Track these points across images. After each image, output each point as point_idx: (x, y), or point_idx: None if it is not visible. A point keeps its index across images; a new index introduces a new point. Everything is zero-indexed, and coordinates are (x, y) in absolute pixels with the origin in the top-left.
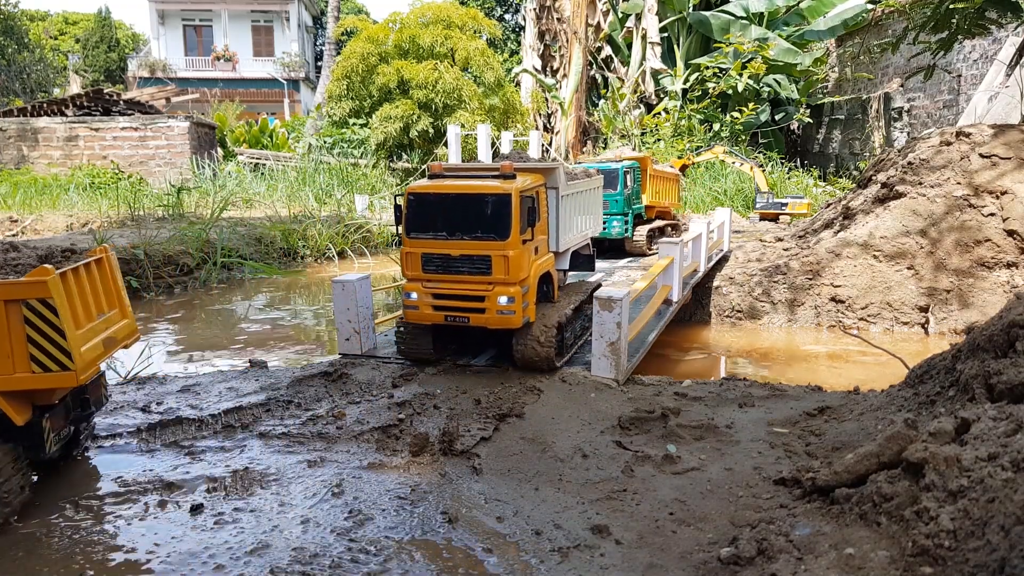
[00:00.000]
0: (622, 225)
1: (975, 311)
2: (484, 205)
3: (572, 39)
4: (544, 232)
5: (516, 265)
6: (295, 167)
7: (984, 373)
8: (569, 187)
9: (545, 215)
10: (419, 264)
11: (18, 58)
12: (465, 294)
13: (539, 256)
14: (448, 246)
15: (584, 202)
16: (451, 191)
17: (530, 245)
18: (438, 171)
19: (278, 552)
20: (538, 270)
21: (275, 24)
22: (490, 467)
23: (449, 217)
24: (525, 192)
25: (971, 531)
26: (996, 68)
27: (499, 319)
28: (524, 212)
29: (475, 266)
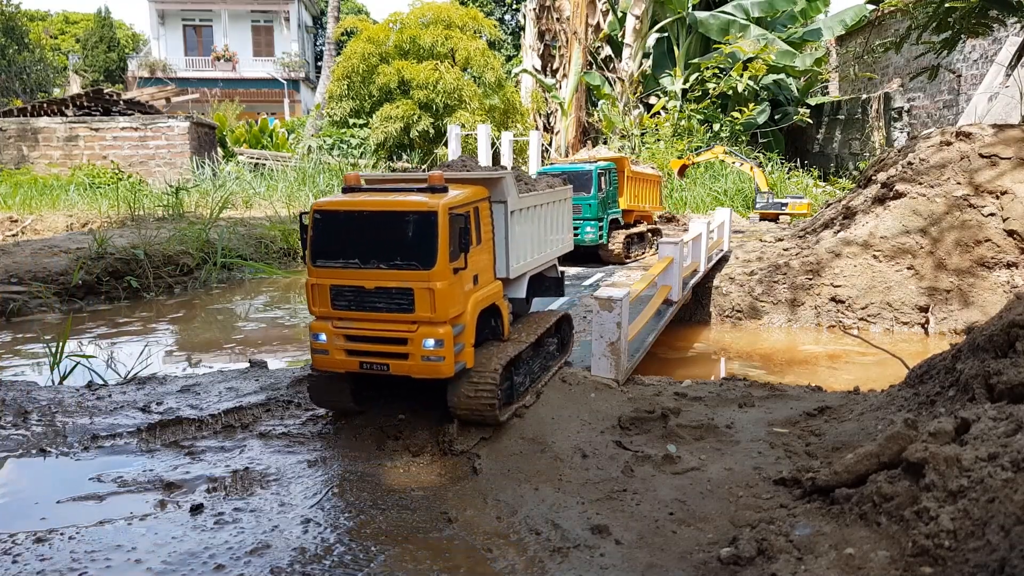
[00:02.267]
0: (596, 231)
1: (975, 311)
2: (403, 226)
3: (572, 39)
4: (488, 256)
5: (445, 300)
6: (295, 167)
7: (984, 373)
8: (523, 200)
9: (489, 235)
10: (327, 298)
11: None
12: (383, 335)
13: (480, 286)
14: (362, 276)
15: (548, 216)
16: (364, 208)
17: (465, 274)
18: (354, 183)
19: (278, 552)
20: (479, 303)
21: (275, 24)
22: (490, 467)
23: (362, 241)
24: (457, 209)
25: (971, 531)
26: (996, 68)
27: (425, 367)
28: (455, 234)
29: (394, 301)
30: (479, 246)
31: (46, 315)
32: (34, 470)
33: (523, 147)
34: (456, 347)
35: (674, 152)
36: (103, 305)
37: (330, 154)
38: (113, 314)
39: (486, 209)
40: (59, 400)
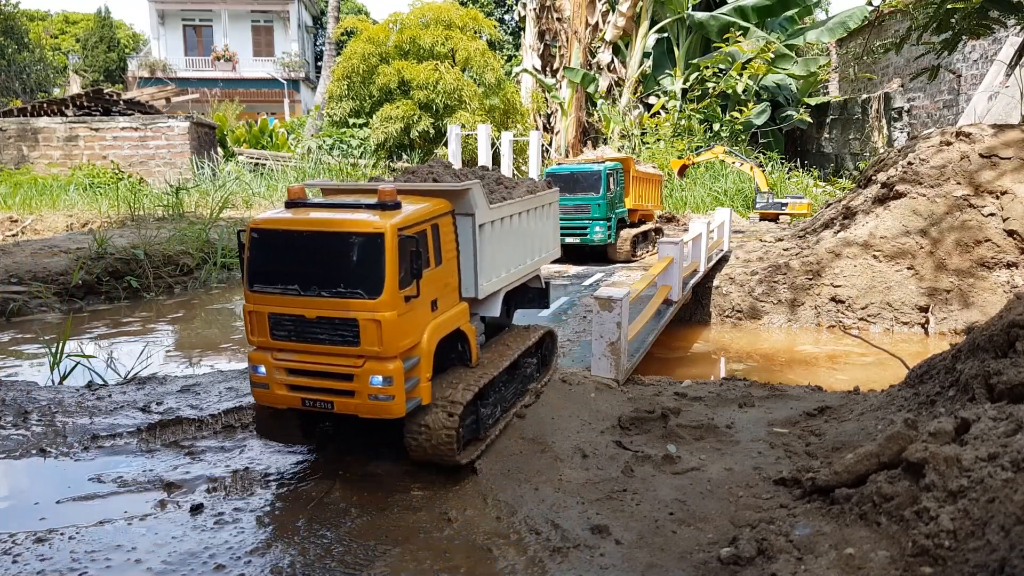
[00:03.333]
0: (605, 230)
1: (975, 311)
2: (346, 249)
3: (572, 39)
4: (450, 276)
5: (393, 332)
6: (295, 167)
7: (984, 373)
8: (496, 211)
9: (453, 253)
10: (266, 328)
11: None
12: (327, 371)
13: (441, 312)
14: (301, 304)
15: (529, 224)
16: (303, 228)
17: (420, 301)
18: (298, 196)
19: (279, 552)
20: (438, 331)
21: (275, 24)
22: (490, 467)
23: (302, 264)
24: (409, 229)
25: (971, 531)
26: (996, 68)
27: (373, 406)
28: (406, 258)
29: (338, 333)
30: (439, 267)
31: (46, 315)
32: (34, 470)
33: (523, 147)
34: (409, 383)
35: (674, 152)
36: (103, 305)
37: (330, 154)
38: (113, 314)
39: (448, 225)
40: (59, 400)
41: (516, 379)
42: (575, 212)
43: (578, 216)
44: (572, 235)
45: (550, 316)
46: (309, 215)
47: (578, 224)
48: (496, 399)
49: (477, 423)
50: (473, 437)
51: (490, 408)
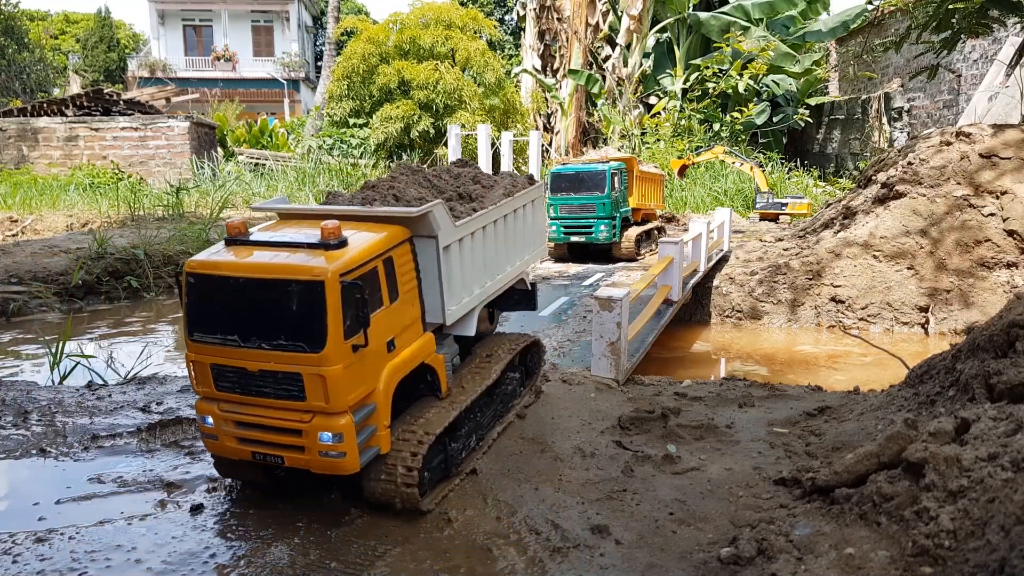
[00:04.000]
0: (610, 229)
1: (975, 311)
2: (285, 297)
3: (572, 39)
4: (411, 308)
5: (340, 387)
6: (295, 167)
7: (984, 373)
8: (464, 227)
9: (413, 284)
10: (210, 378)
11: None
12: (274, 425)
13: (400, 350)
14: (243, 356)
15: (508, 229)
16: (238, 273)
17: (372, 347)
18: (238, 233)
19: (279, 552)
20: (397, 373)
21: (275, 24)
22: (490, 467)
23: (240, 313)
24: (354, 272)
25: (971, 531)
26: (996, 68)
27: (323, 463)
28: (351, 306)
29: (282, 387)
30: (395, 303)
31: (46, 315)
32: (34, 470)
33: (523, 147)
34: (363, 434)
35: (674, 152)
36: (103, 305)
37: (330, 154)
38: (113, 314)
39: (405, 254)
40: (59, 400)
41: (496, 400)
42: (580, 211)
43: (583, 215)
44: (577, 234)
45: (550, 316)
46: (246, 258)
47: (583, 223)
48: (470, 428)
49: (446, 461)
50: (443, 476)
51: (462, 441)
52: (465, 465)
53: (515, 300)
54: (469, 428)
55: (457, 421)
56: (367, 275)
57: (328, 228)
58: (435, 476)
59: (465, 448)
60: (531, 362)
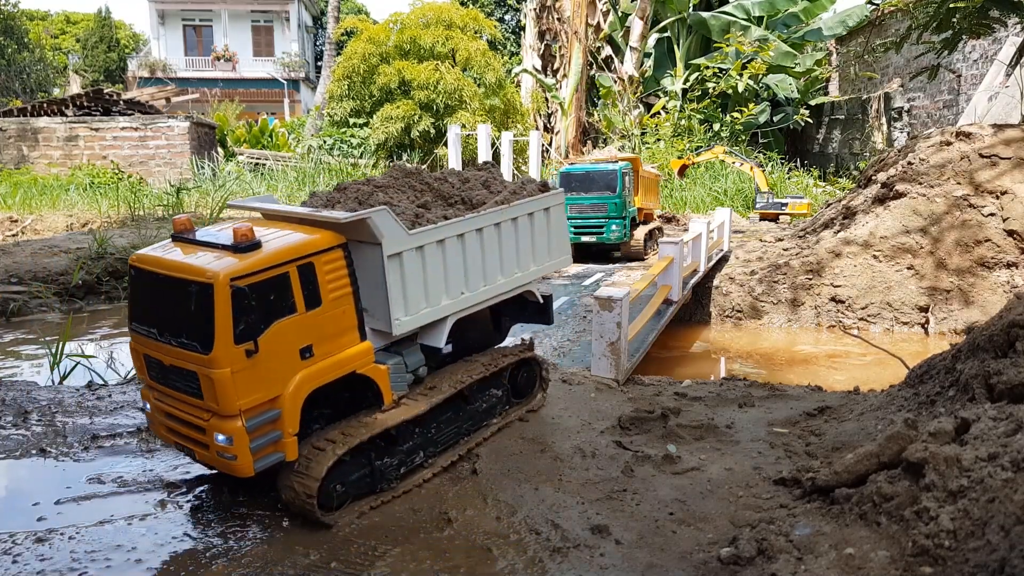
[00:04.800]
0: (621, 229)
1: (975, 311)
2: (184, 298)
3: (572, 39)
4: (341, 316)
5: (228, 391)
6: (295, 167)
7: (984, 373)
8: (422, 235)
9: (346, 291)
10: (144, 367)
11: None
12: (185, 419)
13: (320, 358)
14: (160, 350)
15: (501, 240)
16: (156, 269)
17: (277, 353)
18: (183, 229)
19: (279, 552)
20: (312, 381)
21: (275, 24)
22: (490, 467)
23: (158, 308)
24: (250, 278)
25: (971, 531)
26: (996, 68)
27: (220, 463)
28: (242, 312)
29: (187, 384)
30: (317, 309)
31: (46, 315)
32: (34, 470)
33: (523, 147)
34: (261, 439)
35: (674, 152)
36: (103, 305)
37: (330, 154)
38: (113, 314)
39: (335, 260)
40: (59, 400)
41: (463, 417)
42: (591, 211)
43: (594, 215)
44: (588, 234)
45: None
46: (169, 255)
47: (594, 223)
48: (415, 445)
49: (372, 476)
50: (368, 491)
51: (400, 457)
52: (408, 481)
53: (528, 312)
54: (414, 444)
55: (389, 436)
56: (271, 280)
57: (240, 231)
58: (355, 490)
59: (406, 464)
60: (523, 380)
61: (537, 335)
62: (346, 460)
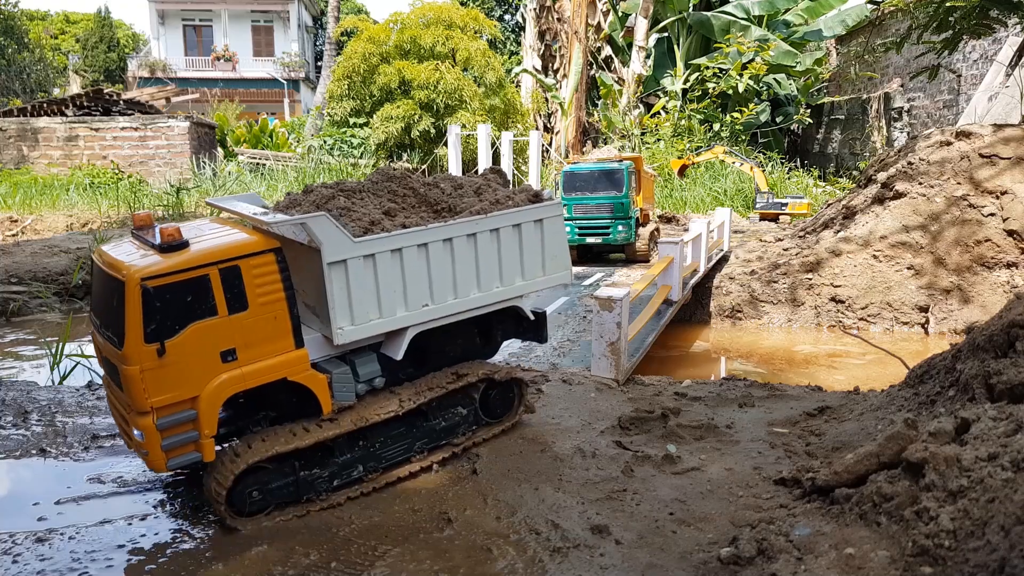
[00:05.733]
0: (628, 229)
1: (975, 311)
2: (109, 293)
3: (572, 39)
4: (273, 323)
5: (138, 388)
6: (295, 167)
7: (984, 373)
8: (371, 244)
9: (278, 296)
10: (100, 357)
11: (18, 58)
12: (119, 410)
13: (245, 362)
14: (101, 342)
15: (478, 251)
16: (99, 264)
17: (192, 357)
18: (143, 224)
19: (279, 552)
20: (233, 384)
21: (275, 24)
22: (490, 467)
23: (99, 302)
24: (163, 278)
25: (971, 531)
26: (996, 68)
27: (141, 456)
28: (153, 312)
29: (115, 377)
30: (243, 313)
31: (46, 315)
32: (34, 470)
33: (523, 147)
34: (175, 438)
35: (674, 152)
36: None
37: (331, 154)
38: None
39: (265, 265)
40: (59, 400)
41: (417, 434)
42: (597, 211)
43: (599, 215)
44: (593, 235)
45: (550, 316)
46: (112, 250)
47: (600, 224)
48: (353, 459)
49: (297, 486)
50: (293, 500)
51: (332, 470)
52: (341, 494)
53: (520, 327)
54: (352, 457)
55: (324, 446)
56: (188, 282)
57: (167, 231)
58: (277, 498)
59: (340, 477)
60: (496, 399)
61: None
62: (266, 467)
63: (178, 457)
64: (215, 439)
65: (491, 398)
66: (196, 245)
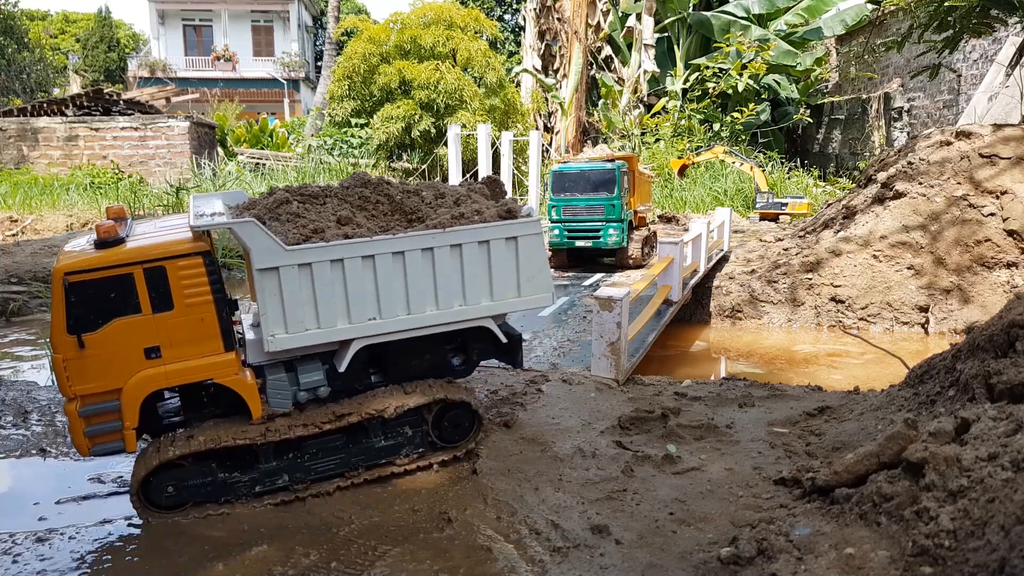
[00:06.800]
0: (619, 233)
1: (975, 311)
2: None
3: (572, 39)
4: (198, 323)
5: (62, 375)
6: (295, 167)
7: (984, 373)
8: (308, 252)
9: (206, 299)
10: None
11: (18, 58)
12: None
13: (169, 361)
14: None
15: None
16: None
17: (114, 351)
18: (115, 217)
19: (280, 553)
20: (156, 381)
21: (275, 24)
22: (490, 467)
23: None
24: (85, 275)
25: (971, 531)
26: (996, 68)
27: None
28: (74, 305)
29: None
30: (164, 314)
31: (46, 315)
32: (34, 470)
33: (523, 147)
34: (98, 427)
35: (674, 152)
36: None
37: (331, 154)
38: None
39: (192, 267)
40: (59, 400)
41: (357, 451)
42: (587, 213)
43: (590, 218)
44: (583, 238)
45: (550, 316)
46: (69, 244)
47: (590, 226)
48: (279, 467)
49: (215, 486)
50: (212, 499)
51: (254, 474)
52: (263, 500)
53: (498, 349)
54: (278, 466)
55: (250, 451)
56: (112, 279)
57: (103, 228)
58: (194, 496)
59: (263, 484)
60: (449, 423)
61: (537, 335)
62: (185, 465)
63: (100, 445)
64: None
65: (444, 422)
66: (129, 243)
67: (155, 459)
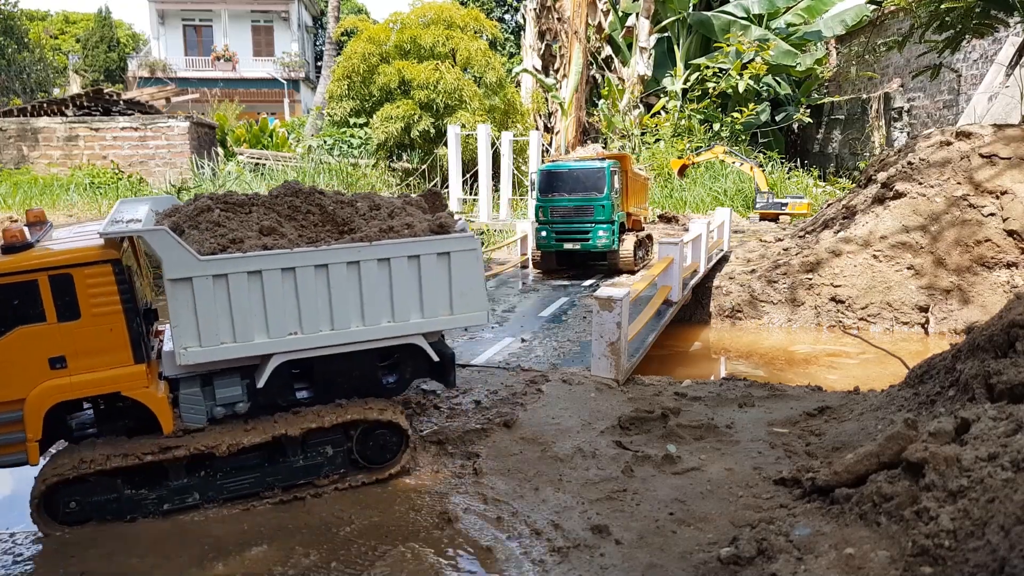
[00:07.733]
0: (610, 235)
1: (975, 311)
2: None
3: (572, 39)
4: (108, 335)
5: None
6: (295, 167)
7: (984, 373)
8: (223, 264)
9: (115, 308)
10: None
11: (18, 58)
12: None
13: (75, 372)
14: None
15: (365, 281)
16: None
17: (15, 360)
18: (35, 220)
19: (280, 552)
20: (60, 392)
21: (275, 24)
22: (490, 467)
23: None
24: None
25: (971, 531)
26: (996, 68)
27: None
28: None
29: None
30: (69, 323)
31: None
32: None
33: (523, 147)
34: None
35: (674, 152)
36: None
37: (330, 154)
38: None
39: (101, 276)
40: None
41: (272, 471)
42: (576, 214)
43: (578, 219)
44: (571, 240)
45: (550, 317)
46: None
47: (578, 228)
48: (189, 485)
49: (120, 503)
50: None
51: (162, 492)
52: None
53: (429, 366)
54: (188, 484)
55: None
56: (13, 286)
57: (9, 232)
58: (98, 512)
59: (171, 502)
60: (374, 444)
61: (537, 335)
62: (88, 480)
63: (3, 456)
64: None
65: (368, 442)
66: (37, 249)
67: (52, 477)
